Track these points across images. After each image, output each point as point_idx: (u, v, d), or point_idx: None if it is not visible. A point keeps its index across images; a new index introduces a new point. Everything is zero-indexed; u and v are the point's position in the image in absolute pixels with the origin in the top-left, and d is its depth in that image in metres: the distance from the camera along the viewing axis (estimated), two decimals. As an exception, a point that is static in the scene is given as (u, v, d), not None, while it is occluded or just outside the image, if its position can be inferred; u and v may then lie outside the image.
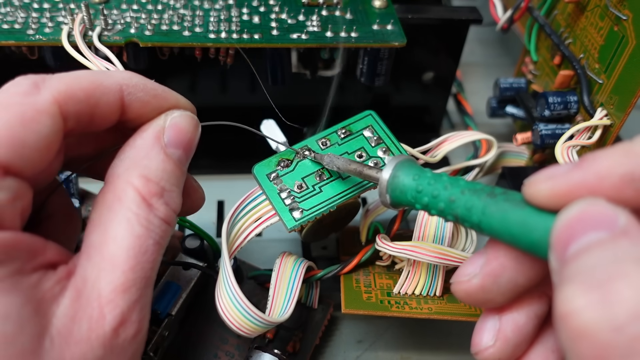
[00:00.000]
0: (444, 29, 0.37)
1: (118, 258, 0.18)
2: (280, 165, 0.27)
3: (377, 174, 0.23)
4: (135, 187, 0.19)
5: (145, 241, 0.19)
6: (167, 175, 0.20)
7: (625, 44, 0.29)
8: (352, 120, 0.29)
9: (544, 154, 0.37)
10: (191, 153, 0.22)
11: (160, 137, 0.20)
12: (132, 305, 0.18)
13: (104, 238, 0.19)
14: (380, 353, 0.31)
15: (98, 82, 0.19)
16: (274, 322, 0.24)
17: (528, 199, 0.17)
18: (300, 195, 0.26)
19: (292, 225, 0.26)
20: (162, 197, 0.20)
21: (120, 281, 0.18)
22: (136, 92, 0.20)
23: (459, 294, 0.20)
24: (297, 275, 0.27)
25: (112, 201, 0.19)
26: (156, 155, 0.20)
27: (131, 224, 0.19)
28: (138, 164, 0.20)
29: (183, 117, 0.21)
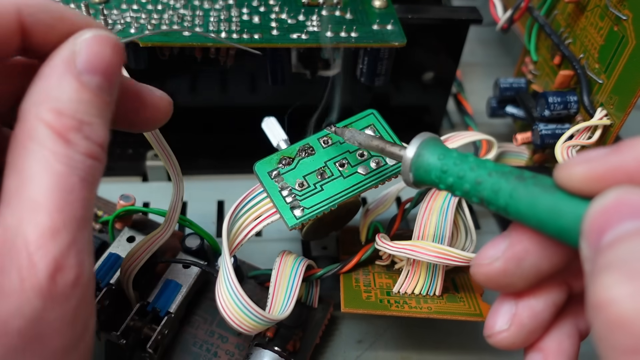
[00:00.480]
0: (444, 29, 0.37)
1: (40, 200, 0.16)
2: (282, 163, 0.27)
3: (401, 152, 0.22)
4: (47, 123, 0.17)
5: (69, 178, 0.17)
6: (83, 107, 0.17)
7: (625, 44, 0.29)
8: (353, 119, 0.29)
9: (544, 154, 0.37)
10: (115, 77, 0.18)
11: (72, 63, 0.18)
12: (65, 249, 0.17)
13: (20, 181, 0.17)
14: (380, 353, 0.31)
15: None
16: (274, 319, 0.24)
17: (560, 183, 0.17)
18: (302, 193, 0.26)
19: (293, 223, 0.26)
20: (81, 130, 0.17)
21: (47, 224, 0.16)
22: (37, 13, 0.18)
23: (478, 276, 0.20)
24: (297, 273, 0.27)
25: (24, 140, 0.17)
26: (68, 84, 0.17)
27: (49, 162, 0.17)
28: (48, 97, 0.17)
29: (97, 38, 0.18)
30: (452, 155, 0.20)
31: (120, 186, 0.38)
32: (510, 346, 0.20)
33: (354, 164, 0.27)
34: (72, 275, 0.17)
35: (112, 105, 0.19)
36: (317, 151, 0.28)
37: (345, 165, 0.27)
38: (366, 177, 0.27)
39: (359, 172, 0.27)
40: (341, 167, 0.27)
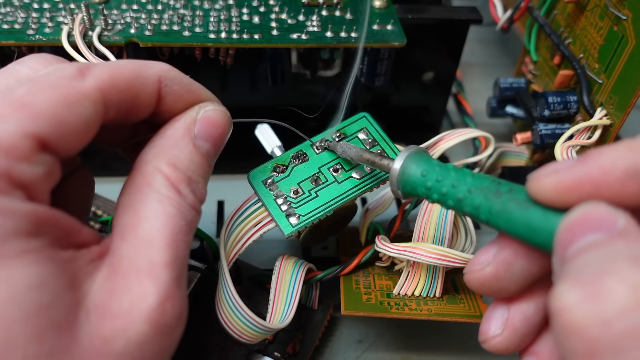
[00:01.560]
0: (444, 29, 0.37)
1: (153, 236, 0.18)
2: (276, 171, 0.27)
3: (389, 165, 0.23)
4: (164, 173, 0.19)
5: (178, 221, 0.19)
6: (194, 166, 0.20)
7: (625, 44, 0.29)
8: (346, 123, 0.28)
9: (543, 154, 0.37)
10: (220, 148, 0.22)
11: (191, 129, 0.21)
12: (175, 281, 0.18)
13: (136, 219, 0.19)
14: (380, 353, 0.31)
15: (138, 73, 0.20)
16: (274, 328, 0.24)
17: (532, 195, 0.18)
18: (297, 200, 0.26)
19: (289, 231, 0.26)
20: (190, 185, 0.20)
21: (159, 256, 0.18)
22: (172, 84, 0.21)
23: (472, 283, 0.20)
24: (297, 280, 0.27)
25: (141, 185, 0.19)
26: (185, 145, 0.20)
27: (163, 204, 0.19)
28: (167, 152, 0.20)
29: (215, 112, 0.22)
30: (435, 171, 0.21)
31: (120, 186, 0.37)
32: (504, 350, 0.20)
33: (347, 168, 0.27)
34: (179, 308, 0.18)
35: (211, 170, 0.22)
36: (311, 157, 0.27)
37: (339, 170, 0.27)
38: (361, 181, 0.27)
39: (354, 176, 0.27)
40: (335, 173, 0.27)
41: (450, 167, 0.21)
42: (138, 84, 0.20)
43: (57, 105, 0.17)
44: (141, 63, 0.20)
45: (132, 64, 0.20)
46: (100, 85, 0.18)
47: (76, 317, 0.16)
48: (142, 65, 0.20)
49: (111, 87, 0.19)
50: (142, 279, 0.17)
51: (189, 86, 0.21)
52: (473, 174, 0.20)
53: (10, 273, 0.15)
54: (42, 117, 0.17)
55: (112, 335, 0.17)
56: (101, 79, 0.18)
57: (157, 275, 0.18)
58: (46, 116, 0.17)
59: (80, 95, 0.18)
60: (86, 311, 0.17)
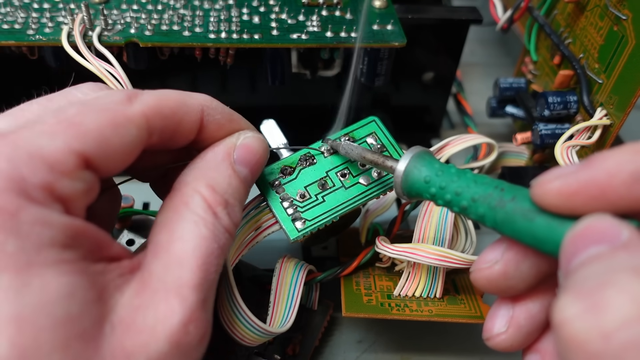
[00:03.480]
0: (444, 29, 0.37)
1: (186, 256, 0.18)
2: (283, 173, 0.27)
3: (393, 167, 0.22)
4: (202, 195, 0.20)
5: (211, 243, 0.19)
6: (232, 190, 0.21)
7: (625, 44, 0.29)
8: (355, 127, 0.28)
9: (543, 154, 0.37)
10: (257, 174, 0.23)
11: (231, 154, 0.22)
12: (201, 303, 0.18)
13: (171, 237, 0.19)
14: (380, 354, 0.31)
15: (182, 102, 0.21)
16: (275, 332, 0.24)
17: (536, 201, 0.17)
18: (303, 204, 0.26)
19: (295, 236, 0.25)
20: (226, 208, 0.20)
21: (189, 277, 0.18)
22: (215, 114, 0.22)
23: (480, 281, 0.20)
24: (298, 283, 0.27)
25: (178, 205, 0.20)
26: (225, 169, 0.21)
27: (198, 225, 0.19)
28: (206, 175, 0.21)
29: (254, 139, 0.23)
30: (437, 177, 0.20)
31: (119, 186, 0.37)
32: (509, 348, 0.20)
33: (355, 174, 0.27)
34: (201, 331, 0.18)
35: (247, 195, 0.23)
36: (319, 161, 0.27)
37: (346, 176, 0.27)
38: (368, 187, 0.27)
39: (361, 182, 0.27)
40: (342, 178, 0.27)
41: (452, 172, 0.20)
42: (182, 112, 0.20)
43: (103, 127, 0.18)
44: (185, 93, 0.21)
45: (177, 94, 0.21)
46: (145, 111, 0.19)
47: (101, 329, 0.17)
48: (186, 95, 0.21)
49: (156, 114, 0.19)
50: (169, 297, 0.18)
51: (230, 115, 0.23)
52: (476, 178, 0.20)
53: (43, 281, 0.15)
54: (88, 136, 0.18)
55: (133, 350, 0.17)
56: (147, 105, 0.19)
57: (184, 296, 0.18)
58: (93, 136, 0.18)
59: (126, 119, 0.19)
60: (111, 324, 0.17)
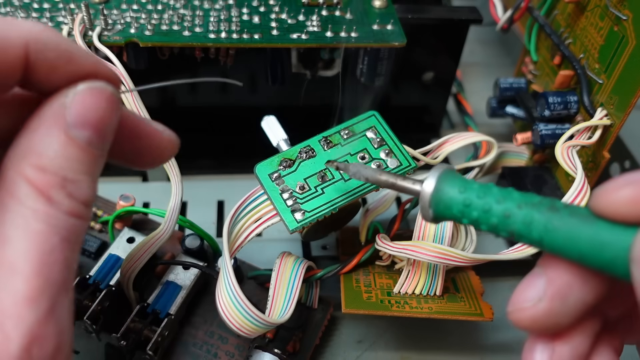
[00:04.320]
0: (444, 29, 0.37)
1: (17, 263, 0.15)
2: (283, 165, 0.27)
3: (416, 186, 0.21)
4: (29, 179, 0.16)
5: (49, 238, 0.16)
6: (69, 163, 0.16)
7: (625, 44, 0.29)
8: (355, 121, 0.28)
9: (544, 154, 0.37)
10: (107, 132, 0.17)
11: (61, 116, 0.16)
12: (44, 317, 0.15)
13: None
14: (380, 353, 0.31)
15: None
16: (274, 323, 0.24)
17: (601, 209, 0.16)
18: (302, 196, 0.26)
19: (294, 227, 0.26)
20: (64, 187, 0.16)
21: (23, 290, 0.15)
22: (45, 50, 0.16)
23: (524, 322, 0.18)
24: (297, 276, 0.27)
25: (3, 197, 0.16)
26: (55, 139, 0.16)
27: (28, 221, 0.16)
28: (32, 151, 0.16)
29: (92, 90, 0.17)
30: (474, 188, 0.19)
31: (120, 186, 0.38)
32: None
33: None
34: (51, 347, 0.15)
35: (103, 159, 0.18)
36: (318, 153, 0.27)
37: None
38: None
39: None
40: None
41: (491, 185, 0.19)
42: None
43: None
44: (5, 22, 0.16)
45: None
46: None
47: None
48: (3, 25, 0.16)
49: None
50: (2, 322, 0.15)
51: (68, 53, 0.17)
52: (517, 190, 0.18)
53: None
54: None
55: None
56: None
57: (20, 316, 0.15)
58: None
59: None
60: None
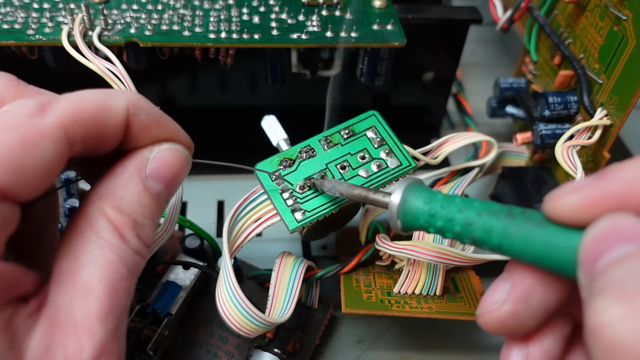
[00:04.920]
0: (444, 29, 0.37)
1: (91, 284, 0.17)
2: (283, 165, 0.27)
3: (385, 199, 0.22)
4: (107, 217, 0.18)
5: (119, 268, 0.18)
6: (141, 209, 0.19)
7: (625, 44, 0.29)
8: (355, 120, 0.28)
9: (544, 154, 0.37)
10: (174, 189, 0.21)
11: (142, 169, 0.19)
12: (110, 334, 0.17)
13: (75, 264, 0.18)
14: (380, 353, 0.31)
15: (104, 104, 0.18)
16: (274, 322, 0.24)
17: (552, 215, 0.17)
18: (302, 196, 0.26)
19: (294, 226, 0.26)
20: (135, 229, 0.19)
21: (96, 307, 0.17)
22: (140, 114, 0.19)
23: (489, 324, 0.19)
24: (297, 275, 0.27)
25: (83, 228, 0.18)
26: (134, 186, 0.19)
27: (103, 250, 0.18)
28: (113, 193, 0.19)
29: (172, 151, 0.20)
30: (438, 198, 0.20)
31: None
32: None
33: (355, 166, 0.27)
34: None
35: (164, 210, 0.21)
36: (319, 153, 0.27)
37: (346, 168, 0.27)
38: (367, 180, 0.27)
39: (360, 174, 0.27)
40: (342, 170, 0.27)
41: (455, 195, 0.20)
42: (105, 114, 0.18)
43: (15, 150, 0.16)
44: (108, 92, 0.19)
45: (97, 94, 0.19)
46: (62, 121, 0.17)
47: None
48: (108, 95, 0.19)
49: (75, 122, 0.17)
50: (77, 333, 0.17)
51: (157, 117, 0.20)
52: (478, 200, 0.19)
53: None
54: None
55: None
56: (64, 113, 0.17)
57: (93, 330, 0.17)
58: (4, 162, 0.16)
59: (39, 136, 0.17)
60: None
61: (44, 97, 0.18)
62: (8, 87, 0.19)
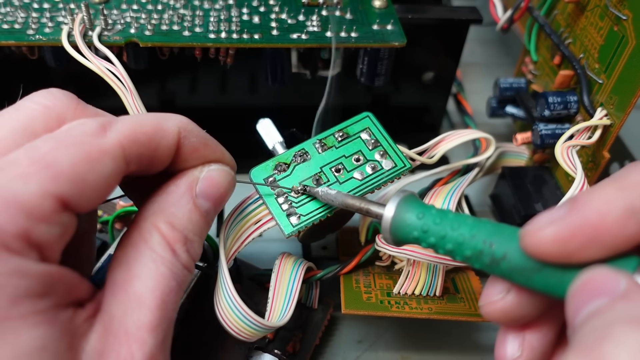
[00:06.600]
0: (444, 29, 0.37)
1: (144, 296, 0.18)
2: (277, 170, 0.27)
3: (379, 210, 0.22)
4: (160, 231, 0.19)
5: (170, 282, 0.19)
6: (192, 226, 0.20)
7: (625, 44, 0.29)
8: (349, 123, 0.28)
9: (544, 154, 0.37)
10: (220, 208, 0.22)
11: (193, 187, 0.21)
12: (159, 345, 0.18)
13: (128, 275, 0.19)
14: (380, 353, 0.31)
15: (159, 126, 0.20)
16: (273, 326, 0.24)
17: (530, 252, 0.17)
18: (298, 200, 0.26)
19: (290, 231, 0.26)
20: (185, 244, 0.20)
21: (147, 319, 0.18)
22: (190, 137, 0.21)
23: (494, 314, 0.19)
24: (297, 277, 0.27)
25: (137, 241, 0.19)
26: (185, 204, 0.20)
27: (156, 263, 0.19)
28: (166, 210, 0.20)
29: (220, 172, 0.22)
30: (431, 214, 0.20)
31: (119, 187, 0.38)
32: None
33: (350, 169, 0.27)
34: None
35: (210, 227, 0.22)
36: (313, 156, 0.27)
37: (341, 171, 0.27)
38: (362, 182, 0.27)
39: (355, 177, 0.27)
40: (337, 173, 0.27)
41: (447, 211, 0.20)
42: (158, 137, 0.20)
43: (78, 164, 0.17)
44: (162, 116, 0.20)
45: (153, 118, 0.20)
46: (121, 141, 0.18)
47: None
48: (162, 119, 0.20)
49: (132, 142, 0.19)
50: (129, 342, 0.18)
51: (205, 140, 0.22)
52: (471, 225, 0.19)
53: (17, 336, 0.15)
54: (63, 177, 0.17)
55: None
56: (123, 134, 0.19)
57: (144, 340, 0.18)
58: (68, 175, 0.17)
59: (101, 153, 0.18)
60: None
61: (105, 118, 0.19)
62: (69, 106, 0.20)
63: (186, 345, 0.28)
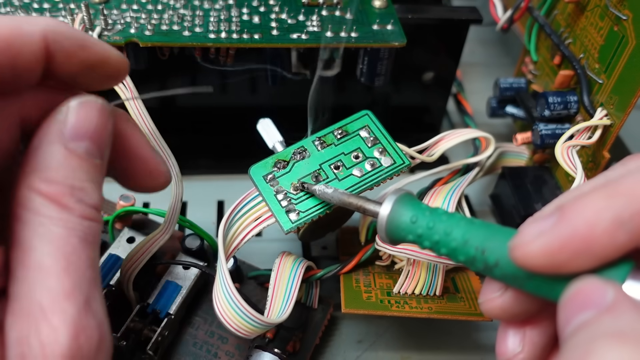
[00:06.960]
0: (444, 29, 0.37)
1: (45, 264, 0.16)
2: (277, 167, 0.27)
3: (375, 209, 0.22)
4: (39, 191, 0.17)
5: (69, 240, 0.17)
6: (73, 173, 0.18)
7: (625, 44, 0.29)
8: (348, 121, 0.28)
9: (544, 154, 0.37)
10: (103, 141, 0.19)
11: (59, 132, 0.18)
12: (82, 310, 0.17)
13: (22, 251, 0.17)
14: (380, 353, 0.31)
15: (18, 29, 0.17)
16: (272, 323, 0.24)
17: (520, 264, 0.17)
18: (297, 197, 0.26)
19: (289, 227, 0.26)
20: (73, 195, 0.17)
21: (58, 286, 0.16)
22: (62, 40, 0.18)
23: (494, 311, 0.19)
24: (296, 275, 0.27)
25: (18, 211, 0.17)
26: (57, 153, 0.18)
27: (46, 227, 0.17)
28: (38, 166, 0.18)
29: (83, 104, 0.18)
30: (424, 216, 0.20)
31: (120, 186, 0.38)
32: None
33: (349, 166, 0.27)
34: (95, 337, 0.17)
35: (104, 167, 0.19)
36: (312, 154, 0.27)
37: (340, 168, 0.27)
38: (361, 179, 0.27)
39: (354, 174, 0.27)
40: (336, 170, 0.27)
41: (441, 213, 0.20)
42: (19, 40, 0.17)
43: None
44: (22, 18, 0.18)
45: (9, 19, 0.17)
46: None
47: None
48: (22, 21, 0.17)
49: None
50: (47, 317, 0.16)
51: (82, 41, 0.19)
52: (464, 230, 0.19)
53: None
54: None
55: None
56: None
57: (62, 308, 0.16)
58: None
59: None
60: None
61: None
62: None
63: (186, 345, 0.28)
